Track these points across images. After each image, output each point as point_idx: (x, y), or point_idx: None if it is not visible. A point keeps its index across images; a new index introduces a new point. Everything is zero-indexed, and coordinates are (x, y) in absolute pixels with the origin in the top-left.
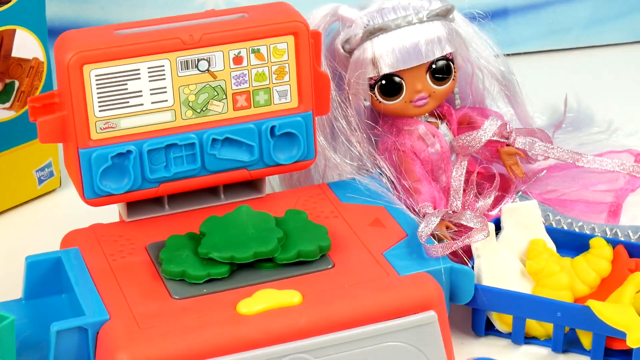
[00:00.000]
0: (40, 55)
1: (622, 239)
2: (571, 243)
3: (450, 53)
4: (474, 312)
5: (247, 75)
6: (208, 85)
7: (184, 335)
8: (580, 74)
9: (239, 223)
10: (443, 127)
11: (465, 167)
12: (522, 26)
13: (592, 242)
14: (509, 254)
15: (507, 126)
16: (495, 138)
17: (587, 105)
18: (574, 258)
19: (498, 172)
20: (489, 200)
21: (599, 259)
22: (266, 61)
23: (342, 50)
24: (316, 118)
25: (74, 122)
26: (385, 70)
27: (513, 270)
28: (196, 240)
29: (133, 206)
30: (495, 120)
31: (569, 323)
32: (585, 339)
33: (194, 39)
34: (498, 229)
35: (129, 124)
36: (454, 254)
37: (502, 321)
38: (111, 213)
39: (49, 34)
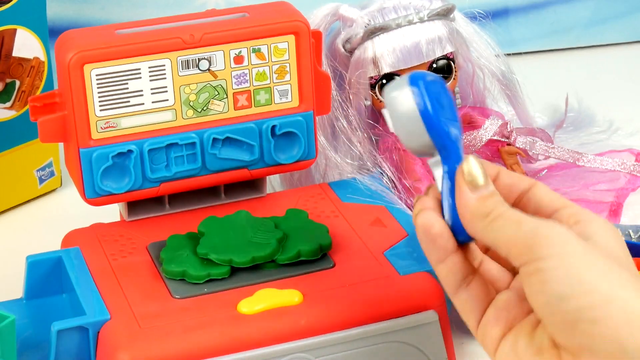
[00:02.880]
0: (41, 55)
1: (623, 238)
2: None
3: (451, 52)
4: None
5: (247, 75)
6: (209, 85)
7: (184, 334)
8: (580, 74)
9: (238, 225)
10: None
11: None
12: (523, 26)
13: None
14: None
15: (508, 126)
16: (496, 137)
17: (588, 105)
18: None
19: None
20: None
21: None
22: (267, 61)
23: (342, 50)
24: (317, 117)
25: (75, 122)
26: (386, 69)
27: None
28: (196, 240)
29: (134, 206)
30: (496, 120)
31: None
32: None
33: (194, 39)
34: None
35: (130, 123)
36: None
37: None
38: (112, 213)
39: (50, 33)
